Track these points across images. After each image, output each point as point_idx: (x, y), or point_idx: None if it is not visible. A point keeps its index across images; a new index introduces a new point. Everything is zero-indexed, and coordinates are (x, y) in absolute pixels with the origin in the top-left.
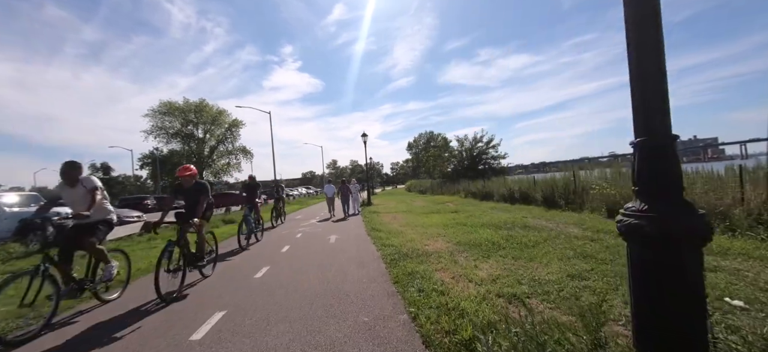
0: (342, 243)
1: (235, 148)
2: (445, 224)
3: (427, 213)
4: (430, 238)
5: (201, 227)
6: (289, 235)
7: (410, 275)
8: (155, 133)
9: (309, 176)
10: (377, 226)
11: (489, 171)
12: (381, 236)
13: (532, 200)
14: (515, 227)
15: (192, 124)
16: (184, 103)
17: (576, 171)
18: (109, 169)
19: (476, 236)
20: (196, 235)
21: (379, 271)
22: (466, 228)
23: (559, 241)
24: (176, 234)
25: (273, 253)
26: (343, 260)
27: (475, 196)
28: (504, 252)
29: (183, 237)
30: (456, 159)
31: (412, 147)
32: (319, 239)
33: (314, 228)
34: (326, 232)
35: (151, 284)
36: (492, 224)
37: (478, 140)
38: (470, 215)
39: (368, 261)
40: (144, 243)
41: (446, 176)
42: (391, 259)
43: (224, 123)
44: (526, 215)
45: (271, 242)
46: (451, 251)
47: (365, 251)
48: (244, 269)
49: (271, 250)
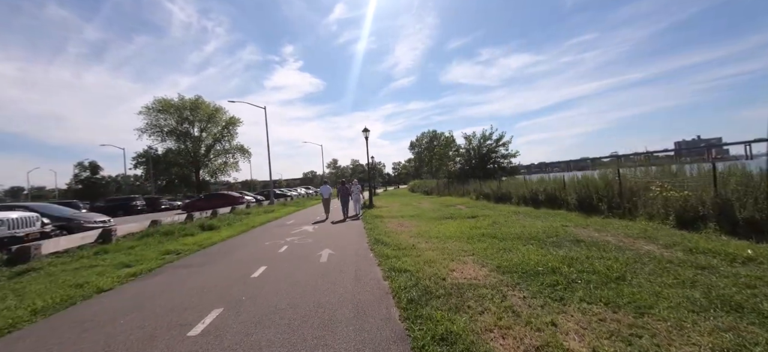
0: (335, 264)
1: (232, 146)
2: (468, 234)
3: (439, 219)
4: (454, 257)
5: None
6: (270, 248)
7: (444, 344)
8: (150, 131)
9: (310, 176)
10: (382, 236)
11: (499, 171)
12: (388, 254)
13: (560, 204)
14: (565, 242)
15: (187, 122)
16: (179, 101)
17: (617, 168)
18: (98, 168)
19: (519, 257)
20: None
21: (391, 330)
22: (498, 242)
23: (648, 268)
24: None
25: (234, 283)
26: (333, 301)
27: (489, 198)
28: (582, 291)
29: None
30: (463, 158)
31: (415, 146)
32: (306, 256)
33: (304, 238)
34: (318, 243)
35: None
36: (529, 236)
37: (487, 138)
38: (494, 223)
39: (372, 303)
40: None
41: (453, 175)
42: (408, 300)
43: (221, 121)
44: (564, 223)
45: (244, 260)
46: (494, 283)
47: (367, 281)
48: (169, 320)
49: (238, 275)
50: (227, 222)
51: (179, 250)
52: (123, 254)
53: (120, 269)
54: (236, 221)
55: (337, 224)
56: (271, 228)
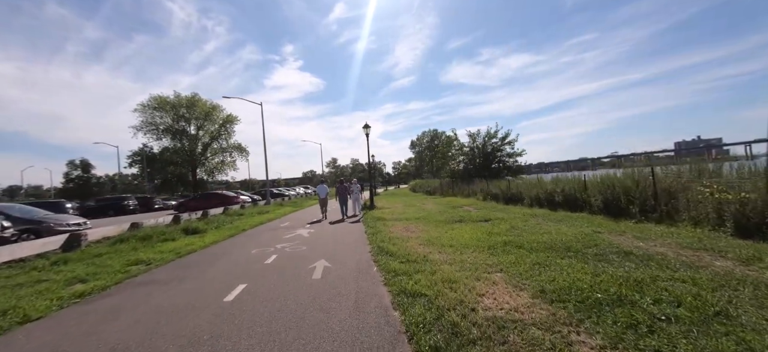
0: (332, 282)
1: (229, 145)
2: (487, 242)
3: (449, 222)
4: (479, 275)
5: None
6: (256, 258)
7: None
8: (145, 129)
9: (309, 175)
10: (386, 243)
11: (504, 170)
12: (396, 268)
13: (581, 206)
14: (610, 255)
15: (184, 119)
16: (175, 98)
17: (651, 166)
18: (89, 167)
19: (565, 277)
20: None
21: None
22: (527, 254)
23: (745, 295)
24: None
25: (200, 311)
26: (325, 347)
27: (497, 198)
28: (682, 338)
29: None
30: (467, 157)
31: (416, 145)
32: (296, 270)
33: (297, 245)
34: (313, 252)
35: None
36: (562, 245)
37: (492, 136)
38: (512, 228)
39: (379, 350)
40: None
41: (456, 175)
42: (432, 348)
43: (218, 119)
44: (596, 229)
45: (221, 275)
46: (545, 319)
47: (371, 310)
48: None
49: (208, 298)
50: (216, 224)
51: (151, 259)
52: (84, 265)
53: (69, 285)
54: (226, 223)
55: (336, 226)
56: (263, 232)
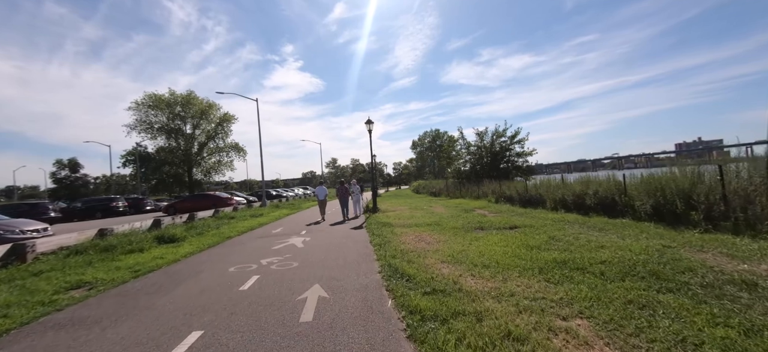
0: (326, 331)
1: (226, 144)
2: (532, 261)
3: (468, 230)
4: (551, 324)
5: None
6: (232, 280)
7: None
8: (139, 128)
9: (309, 176)
10: (400, 261)
11: (513, 170)
12: (420, 305)
13: (621, 211)
14: (724, 286)
15: (179, 118)
16: (170, 96)
17: (718, 164)
18: (77, 166)
19: (696, 337)
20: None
21: None
22: (602, 283)
23: None
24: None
25: None
26: None
27: (512, 201)
28: None
29: None
30: (474, 156)
31: (417, 146)
32: (280, 304)
33: (287, 260)
34: (305, 272)
35: None
36: (640, 268)
37: (500, 134)
38: (552, 238)
39: None
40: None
41: (462, 175)
42: None
43: (214, 118)
44: (665, 243)
45: (175, 313)
46: None
47: None
48: None
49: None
50: (199, 230)
51: (97, 281)
52: (7, 290)
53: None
54: (212, 228)
55: (335, 231)
56: (251, 240)
